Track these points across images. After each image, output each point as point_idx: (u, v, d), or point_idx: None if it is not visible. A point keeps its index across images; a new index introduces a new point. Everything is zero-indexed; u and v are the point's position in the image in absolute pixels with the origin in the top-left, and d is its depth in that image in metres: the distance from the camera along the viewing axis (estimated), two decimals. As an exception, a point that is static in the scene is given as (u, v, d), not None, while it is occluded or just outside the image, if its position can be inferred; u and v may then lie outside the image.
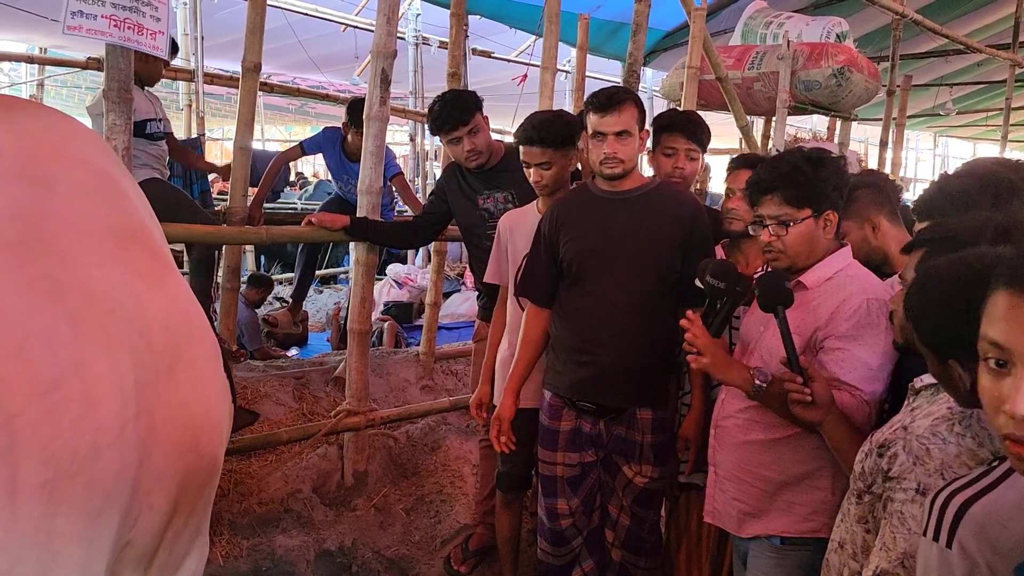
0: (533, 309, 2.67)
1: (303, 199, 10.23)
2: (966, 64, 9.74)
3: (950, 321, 1.26)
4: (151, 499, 1.35)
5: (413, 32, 8.42)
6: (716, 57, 4.71)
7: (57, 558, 1.15)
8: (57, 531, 1.14)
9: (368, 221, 3.26)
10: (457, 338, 5.76)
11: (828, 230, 2.04)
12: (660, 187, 2.57)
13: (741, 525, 2.12)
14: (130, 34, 2.56)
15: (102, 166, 1.49)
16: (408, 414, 3.79)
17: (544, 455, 2.65)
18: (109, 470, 1.22)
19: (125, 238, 1.42)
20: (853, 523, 1.57)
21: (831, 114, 5.79)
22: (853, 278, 2.02)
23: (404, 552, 3.26)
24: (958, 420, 1.40)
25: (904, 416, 1.54)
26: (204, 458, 1.47)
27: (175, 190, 4.24)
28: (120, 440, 1.24)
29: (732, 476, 2.14)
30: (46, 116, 1.56)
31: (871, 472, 1.50)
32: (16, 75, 9.65)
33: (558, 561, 2.66)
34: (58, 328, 1.20)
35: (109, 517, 1.25)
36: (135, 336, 1.32)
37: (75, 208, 1.36)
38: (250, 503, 3.21)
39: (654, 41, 7.96)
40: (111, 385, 1.24)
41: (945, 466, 1.36)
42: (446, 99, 3.10)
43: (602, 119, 2.40)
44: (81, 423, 1.18)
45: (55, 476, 1.13)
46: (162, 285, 1.44)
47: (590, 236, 2.50)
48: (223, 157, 14.14)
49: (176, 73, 6.31)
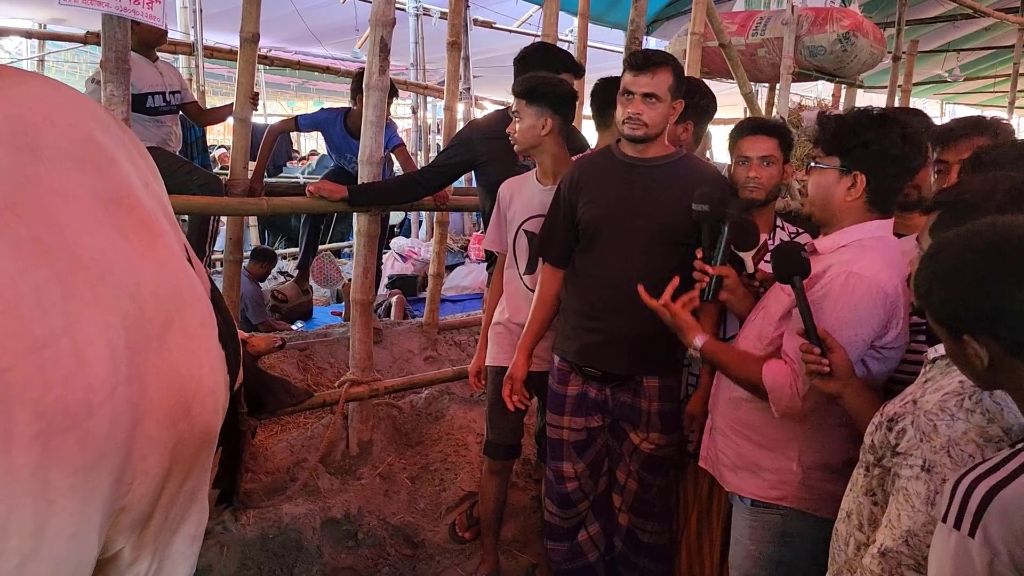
0: (549, 270, 2.66)
1: (305, 173, 10.19)
2: (974, 29, 9.62)
3: (965, 294, 1.20)
4: (145, 464, 1.37)
5: (414, 3, 8.34)
6: (719, 23, 4.66)
7: (52, 507, 1.18)
8: (52, 482, 1.17)
9: (366, 185, 3.23)
10: (461, 310, 5.78)
11: (853, 191, 1.91)
12: (685, 159, 2.52)
13: (723, 477, 2.18)
14: (127, 3, 2.54)
15: (90, 132, 1.48)
16: (412, 384, 3.81)
17: (552, 419, 2.67)
18: (100, 428, 1.24)
19: (113, 204, 1.42)
20: (860, 494, 1.56)
21: (836, 80, 5.74)
22: (863, 249, 1.90)
23: (409, 519, 3.29)
24: (968, 395, 1.36)
25: (916, 388, 1.50)
26: (197, 425, 1.49)
27: (169, 155, 4.19)
28: (111, 401, 1.26)
29: (720, 428, 2.19)
30: (34, 83, 1.56)
31: (880, 445, 1.48)
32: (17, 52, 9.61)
33: (565, 523, 2.68)
34: (48, 288, 1.21)
35: (102, 475, 1.27)
36: (126, 301, 1.33)
37: (62, 174, 1.36)
38: (256, 472, 3.25)
39: (656, 9, 7.88)
40: (102, 347, 1.26)
41: (952, 443, 1.33)
42: None
43: (634, 77, 2.36)
44: (72, 380, 1.20)
45: (48, 429, 1.16)
46: (151, 252, 1.44)
47: (607, 201, 2.47)
48: (225, 133, 14.09)
49: (176, 47, 6.28)
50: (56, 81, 1.67)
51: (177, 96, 4.30)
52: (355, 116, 4.63)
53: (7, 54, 9.72)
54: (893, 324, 1.86)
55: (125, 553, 1.47)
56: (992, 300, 1.17)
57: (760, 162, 2.45)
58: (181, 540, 1.60)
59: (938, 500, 1.30)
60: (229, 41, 7.11)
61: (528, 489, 3.51)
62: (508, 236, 2.87)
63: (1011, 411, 1.31)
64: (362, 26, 8.24)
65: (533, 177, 2.83)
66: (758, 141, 2.47)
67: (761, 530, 2.07)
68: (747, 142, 2.48)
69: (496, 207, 2.90)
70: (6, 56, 9.45)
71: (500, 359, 2.86)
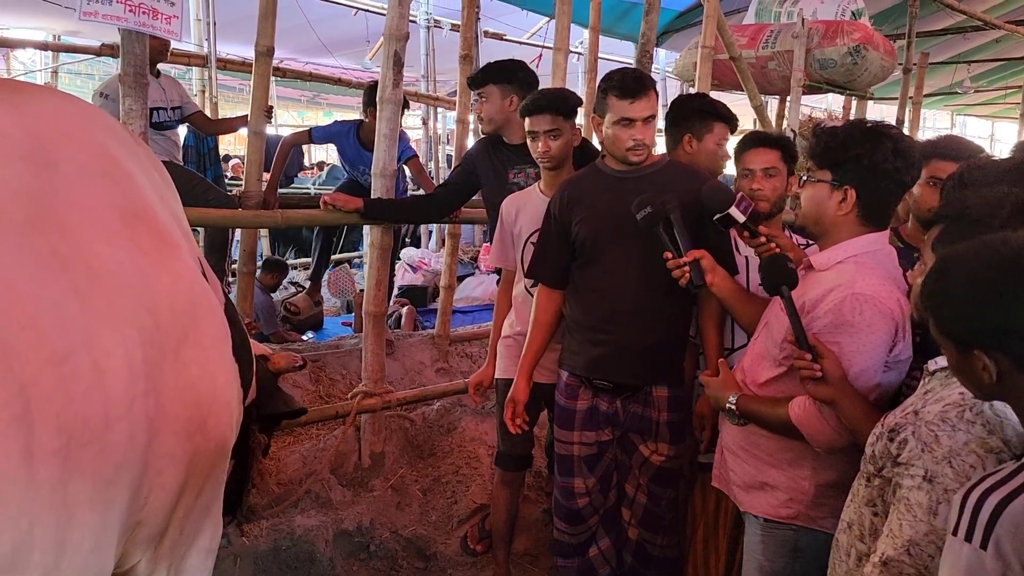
0: (544, 291, 2.68)
1: (316, 184, 10.24)
2: (984, 41, 9.60)
3: (980, 309, 1.21)
4: (162, 479, 1.38)
5: (425, 15, 8.39)
6: (730, 36, 4.68)
7: (72, 521, 1.19)
8: (72, 495, 1.18)
9: (382, 200, 3.26)
10: (472, 322, 5.78)
11: (844, 206, 1.91)
12: (671, 164, 2.57)
13: (735, 496, 2.18)
14: (145, 19, 2.57)
15: (106, 147, 1.50)
16: (424, 395, 3.82)
17: (560, 434, 2.67)
18: (119, 442, 1.25)
19: (129, 218, 1.43)
20: (861, 505, 1.57)
21: (847, 93, 5.74)
22: (860, 266, 1.88)
23: (421, 532, 3.29)
24: (969, 407, 1.37)
25: (917, 399, 1.51)
26: (212, 439, 1.49)
27: (186, 172, 4.26)
28: (129, 415, 1.27)
29: (731, 448, 2.18)
30: (50, 98, 1.57)
31: (881, 456, 1.49)
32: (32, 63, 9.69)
33: (574, 540, 2.68)
34: (67, 302, 1.22)
35: (120, 488, 1.27)
36: (143, 315, 1.34)
37: (79, 188, 1.37)
38: (268, 483, 3.26)
39: (666, 21, 7.89)
40: (120, 360, 1.27)
41: (953, 454, 1.34)
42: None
43: (632, 104, 2.39)
44: (91, 394, 1.21)
45: (68, 443, 1.16)
46: (167, 265, 1.45)
47: (602, 215, 2.50)
48: (236, 143, 14.16)
49: (189, 59, 6.33)
50: (72, 96, 1.69)
51: (178, 111, 4.34)
52: (367, 129, 4.65)
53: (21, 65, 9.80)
54: (900, 337, 1.87)
55: (141, 567, 1.48)
56: (1008, 316, 1.18)
57: (763, 174, 2.48)
58: (196, 554, 1.61)
59: (940, 510, 1.33)
60: (241, 53, 7.16)
61: (540, 502, 3.51)
62: (516, 250, 2.89)
63: (1011, 423, 1.33)
64: (373, 37, 8.31)
65: (537, 191, 2.86)
66: (761, 153, 2.50)
67: (774, 546, 2.06)
68: (750, 155, 2.52)
69: (500, 224, 2.93)
70: (20, 67, 9.53)
71: (510, 371, 2.86)
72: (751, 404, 2.06)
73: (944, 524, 1.28)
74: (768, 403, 2.03)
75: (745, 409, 2.06)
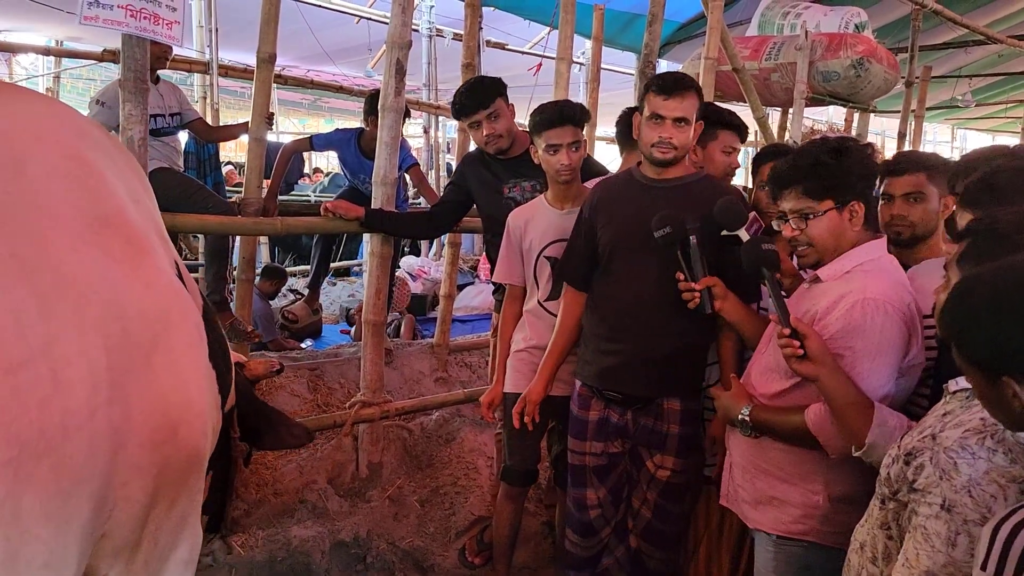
0: (571, 293, 2.66)
1: (316, 191, 10.23)
2: (986, 55, 9.62)
3: (1011, 334, 1.14)
4: (127, 491, 1.33)
5: (427, 24, 8.40)
6: (733, 48, 4.68)
7: (25, 536, 1.15)
8: (24, 509, 1.14)
9: (383, 212, 3.25)
10: (471, 331, 5.76)
11: (855, 221, 1.98)
12: (705, 179, 2.52)
13: (745, 513, 2.16)
14: (146, 24, 2.56)
15: (78, 149, 1.46)
16: (423, 405, 3.79)
17: (574, 444, 2.64)
18: (78, 453, 1.21)
19: (99, 222, 1.39)
20: (875, 527, 1.54)
21: (849, 105, 5.74)
22: (868, 274, 1.93)
23: (419, 543, 3.25)
24: (990, 434, 1.32)
25: (935, 422, 1.46)
26: (183, 449, 1.44)
27: (184, 179, 4.23)
28: (90, 424, 1.23)
29: (739, 464, 2.16)
30: (26, 100, 1.54)
31: (897, 479, 1.44)
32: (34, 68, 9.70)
33: (586, 552, 2.65)
34: (25, 308, 1.18)
35: (80, 501, 1.23)
36: (110, 322, 1.30)
37: (46, 192, 1.34)
38: (265, 493, 3.22)
39: (669, 32, 7.91)
40: (81, 369, 1.23)
41: (973, 483, 1.29)
42: (469, 84, 3.15)
43: (665, 101, 2.37)
44: (48, 403, 1.17)
45: (20, 455, 1.12)
46: (138, 271, 1.41)
47: (625, 222, 2.47)
48: (237, 150, 14.17)
49: (191, 65, 6.32)
50: (51, 98, 1.66)
51: (177, 118, 4.32)
52: (368, 137, 4.64)
53: (24, 70, 9.81)
54: (914, 341, 1.89)
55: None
56: None
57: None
58: (174, 566, 1.56)
59: (959, 540, 1.28)
60: (243, 59, 7.16)
61: (539, 514, 3.48)
62: (528, 265, 2.84)
63: None
64: (375, 45, 8.30)
65: (544, 203, 2.82)
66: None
67: (785, 563, 2.04)
68: (768, 168, 2.48)
69: (506, 239, 2.87)
70: (22, 72, 9.54)
71: (520, 386, 2.80)
72: (764, 414, 2.05)
73: (963, 555, 1.25)
74: (782, 412, 2.03)
75: (759, 419, 2.04)
